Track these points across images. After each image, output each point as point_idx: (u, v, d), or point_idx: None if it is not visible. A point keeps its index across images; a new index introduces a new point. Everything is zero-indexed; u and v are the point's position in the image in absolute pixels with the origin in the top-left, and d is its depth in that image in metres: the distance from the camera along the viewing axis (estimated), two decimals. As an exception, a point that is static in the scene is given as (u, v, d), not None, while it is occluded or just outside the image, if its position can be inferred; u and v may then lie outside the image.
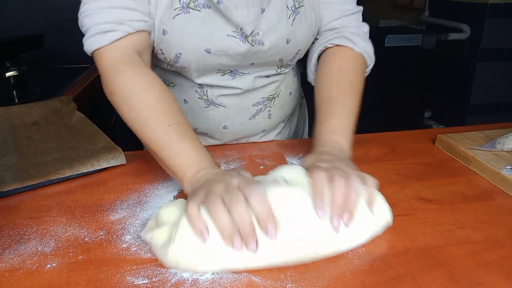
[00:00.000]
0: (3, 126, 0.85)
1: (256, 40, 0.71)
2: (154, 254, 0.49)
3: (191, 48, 0.70)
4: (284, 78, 0.84)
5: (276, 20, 0.72)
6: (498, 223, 0.56)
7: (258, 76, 0.79)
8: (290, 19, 0.73)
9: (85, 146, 0.77)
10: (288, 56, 0.77)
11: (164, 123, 0.60)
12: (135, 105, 0.62)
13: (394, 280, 0.45)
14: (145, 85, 0.63)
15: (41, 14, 1.61)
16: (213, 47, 0.70)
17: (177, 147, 0.58)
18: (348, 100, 0.68)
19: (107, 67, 0.65)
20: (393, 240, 0.52)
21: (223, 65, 0.74)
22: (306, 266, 0.47)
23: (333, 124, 0.65)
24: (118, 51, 0.65)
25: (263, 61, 0.76)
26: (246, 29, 0.70)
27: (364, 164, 0.72)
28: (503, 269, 0.47)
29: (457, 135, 0.78)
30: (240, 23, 0.69)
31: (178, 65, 0.73)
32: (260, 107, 0.83)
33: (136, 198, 0.62)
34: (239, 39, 0.71)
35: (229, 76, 0.77)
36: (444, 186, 0.65)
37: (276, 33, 0.72)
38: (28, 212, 0.59)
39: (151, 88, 0.63)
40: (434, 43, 2.55)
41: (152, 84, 0.64)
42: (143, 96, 0.62)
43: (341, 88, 0.70)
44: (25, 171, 0.67)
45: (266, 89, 0.82)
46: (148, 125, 0.60)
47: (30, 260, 0.48)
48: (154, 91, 0.63)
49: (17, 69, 1.26)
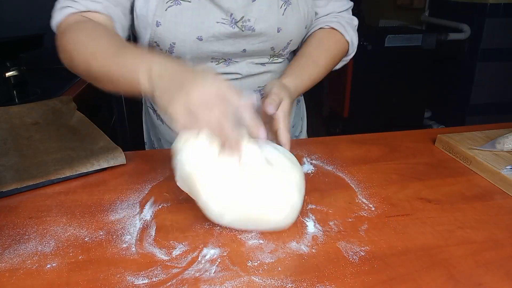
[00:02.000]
0: (3, 126, 0.85)
1: (246, 26, 0.75)
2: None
3: (184, 38, 0.74)
4: (279, 68, 0.87)
5: (266, 9, 0.75)
6: (498, 223, 0.56)
7: (252, 63, 0.82)
8: (282, 9, 0.77)
9: (85, 146, 0.77)
10: (279, 45, 0.81)
11: (106, 44, 0.63)
12: (81, 45, 0.64)
13: (394, 280, 0.45)
14: (88, 30, 0.67)
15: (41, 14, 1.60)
16: (204, 34, 0.74)
17: (123, 51, 0.60)
18: (319, 57, 0.81)
19: (60, 33, 0.69)
20: (393, 240, 0.52)
21: (216, 51, 0.77)
22: (306, 266, 0.47)
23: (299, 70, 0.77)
24: (71, 20, 0.69)
25: (254, 48, 0.79)
26: (235, 14, 0.74)
27: (364, 164, 0.73)
28: (503, 269, 0.47)
29: (457, 135, 0.78)
30: (230, 8, 0.73)
31: (173, 55, 0.77)
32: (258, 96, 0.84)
33: (136, 198, 0.62)
34: (229, 25, 0.74)
35: (224, 64, 0.81)
36: (444, 186, 0.65)
37: (267, 22, 0.76)
38: (28, 212, 0.59)
39: (94, 30, 0.66)
40: (434, 43, 2.55)
41: (95, 28, 0.67)
42: (86, 37, 0.65)
43: (318, 49, 0.81)
44: (25, 171, 0.67)
45: (262, 77, 0.84)
46: (93, 52, 0.62)
47: (30, 260, 0.48)
48: (97, 30, 0.66)
49: (17, 69, 1.25)
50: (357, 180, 0.67)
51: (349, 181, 0.67)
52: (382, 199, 0.61)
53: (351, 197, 0.62)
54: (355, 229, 0.54)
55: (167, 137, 0.92)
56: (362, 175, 0.69)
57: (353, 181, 0.67)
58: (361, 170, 0.71)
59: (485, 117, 2.58)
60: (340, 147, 0.80)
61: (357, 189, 0.64)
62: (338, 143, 0.82)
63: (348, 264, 0.47)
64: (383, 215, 0.57)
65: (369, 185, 0.65)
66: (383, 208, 0.59)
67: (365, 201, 0.61)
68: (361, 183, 0.66)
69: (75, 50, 0.65)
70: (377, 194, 0.63)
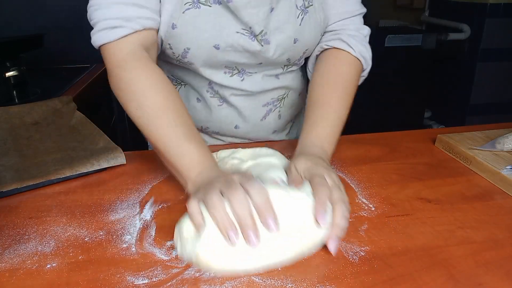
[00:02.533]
0: (3, 126, 0.85)
1: (264, 40, 0.71)
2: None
3: (200, 44, 0.70)
4: (293, 78, 0.85)
5: (284, 20, 0.72)
6: (498, 223, 0.56)
7: (266, 75, 0.79)
8: (299, 19, 0.73)
9: (85, 146, 0.77)
10: (295, 56, 0.78)
11: (171, 122, 0.60)
12: (143, 103, 0.62)
13: (394, 280, 0.45)
14: (153, 83, 0.63)
15: (41, 14, 1.61)
16: (222, 43, 0.70)
17: (184, 147, 0.59)
18: (339, 105, 0.69)
19: (114, 62, 0.65)
20: (393, 240, 0.52)
21: (231, 62, 0.74)
22: (306, 266, 0.47)
23: (322, 129, 0.66)
24: (125, 47, 0.65)
25: (270, 61, 0.76)
26: (255, 28, 0.70)
27: (364, 164, 0.73)
28: (503, 269, 0.47)
29: (457, 135, 0.78)
30: (249, 22, 0.69)
31: (186, 60, 0.73)
32: (270, 107, 0.84)
33: (136, 198, 0.62)
34: (248, 37, 0.71)
35: (238, 77, 0.77)
36: (444, 186, 0.65)
37: (283, 33, 0.72)
38: (28, 212, 0.59)
39: (159, 86, 0.63)
40: (434, 43, 2.55)
41: (160, 82, 0.64)
42: (151, 94, 0.62)
43: (335, 91, 0.71)
44: (25, 171, 0.67)
45: (276, 90, 0.82)
46: (156, 123, 0.61)
47: (30, 260, 0.48)
48: (162, 89, 0.63)
49: (17, 69, 1.26)
50: (357, 180, 0.67)
51: (349, 181, 0.67)
52: (382, 199, 0.61)
53: (351, 197, 0.62)
54: (355, 229, 0.54)
55: None
56: (362, 175, 0.69)
57: (353, 181, 0.67)
58: (361, 170, 0.71)
59: (485, 117, 2.58)
60: (340, 147, 0.79)
61: (357, 189, 0.64)
62: (338, 143, 0.82)
63: (348, 264, 0.47)
64: (383, 215, 0.57)
65: (369, 185, 0.65)
66: (383, 208, 0.59)
67: (365, 201, 0.61)
68: (361, 183, 0.66)
69: (135, 107, 0.62)
70: (377, 194, 0.63)
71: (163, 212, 0.58)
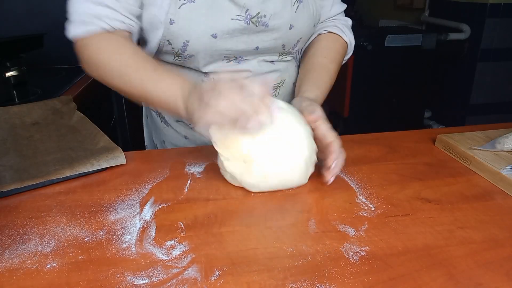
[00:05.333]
0: (3, 126, 0.85)
1: (260, 22, 0.75)
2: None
3: (198, 35, 0.73)
4: (287, 67, 0.88)
5: (281, 6, 0.76)
6: (498, 223, 0.56)
7: (262, 61, 0.83)
8: (294, 6, 0.78)
9: (85, 146, 0.77)
10: (290, 43, 0.82)
11: (140, 66, 0.68)
12: (113, 67, 0.69)
13: (394, 280, 0.45)
14: (117, 48, 0.70)
15: (41, 14, 1.61)
16: (219, 32, 0.74)
17: (159, 77, 0.66)
18: (330, 65, 0.84)
19: (84, 50, 0.72)
20: (393, 240, 0.52)
21: (229, 49, 0.77)
22: (306, 266, 0.47)
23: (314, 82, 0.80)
24: (97, 42, 0.71)
25: (266, 45, 0.79)
26: (252, 10, 0.74)
27: (364, 164, 0.73)
28: (503, 269, 0.47)
29: (457, 135, 0.78)
30: (246, 4, 0.73)
31: (186, 53, 0.76)
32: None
33: (136, 198, 0.62)
34: (243, 21, 0.74)
35: (235, 62, 0.81)
36: (444, 186, 0.65)
37: (281, 18, 0.77)
38: (28, 212, 0.59)
39: (123, 48, 0.70)
40: (434, 43, 2.55)
41: (123, 45, 0.71)
42: (118, 57, 0.70)
43: (327, 55, 0.85)
44: (25, 171, 0.67)
45: (272, 75, 0.85)
46: (129, 75, 0.68)
47: (30, 260, 0.48)
48: (126, 51, 0.70)
49: (17, 69, 1.26)
50: (357, 180, 0.67)
51: (349, 181, 0.67)
52: (382, 199, 0.61)
53: (351, 197, 0.62)
54: (355, 229, 0.54)
55: (171, 140, 0.92)
56: (362, 175, 0.69)
57: (353, 181, 0.67)
58: (361, 170, 0.71)
59: (485, 117, 2.58)
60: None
61: (357, 189, 0.64)
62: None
63: (348, 264, 0.47)
64: (383, 215, 0.57)
65: (369, 185, 0.65)
66: (383, 208, 0.59)
67: (365, 201, 0.61)
68: (361, 183, 0.66)
69: (106, 64, 0.70)
70: (377, 194, 0.63)
71: (163, 212, 0.58)
